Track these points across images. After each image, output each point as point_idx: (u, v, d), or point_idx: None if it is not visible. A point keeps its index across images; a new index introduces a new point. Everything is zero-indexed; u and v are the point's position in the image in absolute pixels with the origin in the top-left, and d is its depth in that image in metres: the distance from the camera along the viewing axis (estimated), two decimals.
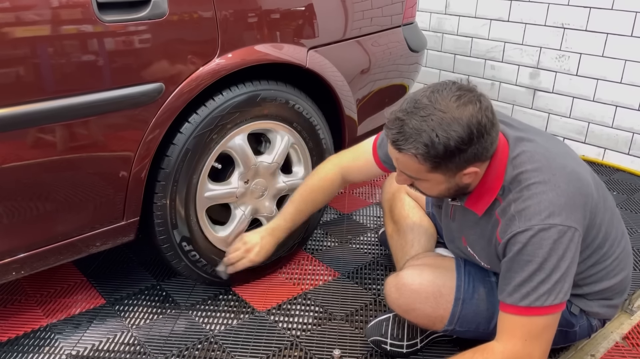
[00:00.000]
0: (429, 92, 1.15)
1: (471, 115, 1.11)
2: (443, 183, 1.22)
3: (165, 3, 1.36)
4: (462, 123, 1.10)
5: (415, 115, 1.12)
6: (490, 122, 1.13)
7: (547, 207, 1.16)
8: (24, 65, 1.20)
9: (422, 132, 1.11)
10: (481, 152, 1.15)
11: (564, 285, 1.17)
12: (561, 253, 1.16)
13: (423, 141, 1.11)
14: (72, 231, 1.43)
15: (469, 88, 1.15)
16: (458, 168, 1.17)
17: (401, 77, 2.23)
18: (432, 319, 1.40)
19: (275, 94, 1.67)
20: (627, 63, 2.70)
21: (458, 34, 3.40)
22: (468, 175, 1.19)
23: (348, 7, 1.86)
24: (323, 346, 1.59)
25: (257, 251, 1.63)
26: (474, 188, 1.27)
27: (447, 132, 1.10)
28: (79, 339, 1.60)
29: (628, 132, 2.79)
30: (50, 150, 1.29)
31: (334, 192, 1.67)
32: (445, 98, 1.12)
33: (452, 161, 1.14)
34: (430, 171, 1.17)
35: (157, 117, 1.42)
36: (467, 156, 1.14)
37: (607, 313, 1.43)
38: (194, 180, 1.58)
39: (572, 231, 1.17)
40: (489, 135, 1.14)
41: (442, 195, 1.29)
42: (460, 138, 1.11)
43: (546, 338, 1.21)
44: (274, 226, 1.66)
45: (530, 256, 1.16)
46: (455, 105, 1.11)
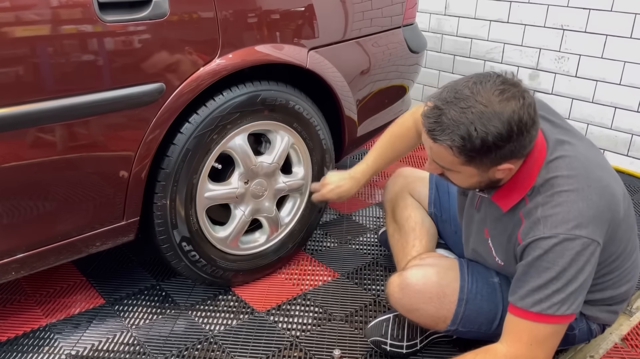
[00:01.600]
0: (472, 83, 1.10)
1: (513, 111, 1.07)
2: (475, 176, 1.19)
3: (166, 3, 1.36)
4: (503, 119, 1.06)
5: (454, 105, 1.08)
6: (531, 120, 1.09)
7: (576, 217, 1.14)
8: (25, 65, 1.20)
9: (460, 124, 1.07)
10: (518, 150, 1.12)
11: (577, 297, 1.16)
12: (581, 265, 1.14)
13: (460, 134, 1.08)
14: (72, 231, 1.43)
15: (513, 83, 1.11)
16: (492, 164, 1.14)
17: (401, 77, 2.23)
18: (435, 319, 1.40)
19: (276, 95, 1.67)
20: (626, 65, 2.71)
21: (458, 34, 3.40)
22: (502, 170, 1.16)
23: (348, 8, 1.86)
24: (323, 347, 1.59)
25: (330, 189, 1.66)
26: (506, 183, 1.24)
27: (487, 126, 1.06)
28: (78, 339, 1.60)
29: (627, 133, 2.79)
30: (51, 150, 1.29)
31: (413, 142, 1.63)
32: (487, 91, 1.08)
33: (488, 156, 1.11)
34: (464, 164, 1.14)
35: (158, 117, 1.42)
36: (504, 152, 1.11)
37: (607, 318, 1.43)
38: (194, 180, 1.58)
39: (595, 245, 1.16)
40: (529, 134, 1.10)
41: (472, 187, 1.27)
42: (499, 134, 1.07)
43: (551, 345, 1.20)
44: (357, 170, 1.67)
45: (550, 263, 1.14)
46: (498, 100, 1.07)
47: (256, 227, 1.85)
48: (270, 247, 1.86)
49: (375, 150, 1.68)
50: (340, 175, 1.68)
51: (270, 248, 1.86)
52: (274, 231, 1.85)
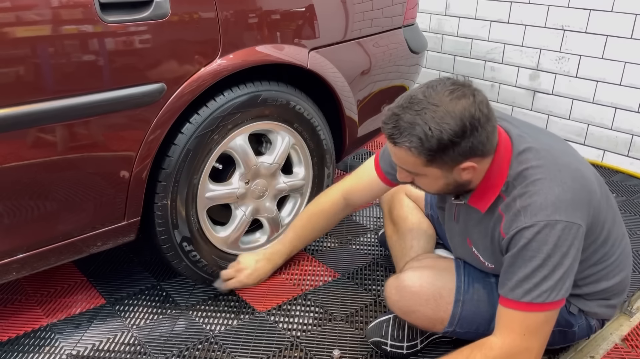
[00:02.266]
0: (424, 88, 1.16)
1: (464, 108, 1.12)
2: (441, 178, 1.22)
3: (167, 4, 1.36)
4: (455, 117, 1.11)
5: (409, 109, 1.14)
6: (484, 116, 1.14)
7: (554, 203, 1.17)
8: (27, 65, 1.20)
9: (415, 125, 1.13)
10: (476, 146, 1.16)
11: (565, 281, 1.18)
12: (565, 249, 1.17)
13: (417, 134, 1.13)
14: (73, 231, 1.43)
15: (463, 83, 1.16)
16: (454, 162, 1.17)
17: (401, 78, 2.24)
18: (432, 321, 1.40)
19: (276, 95, 1.67)
20: (626, 65, 2.71)
21: (458, 35, 3.40)
22: (466, 170, 1.20)
23: (349, 9, 1.87)
24: (323, 347, 1.59)
25: (248, 274, 1.72)
26: (477, 185, 1.27)
27: (440, 125, 1.11)
28: (79, 339, 1.60)
29: (627, 133, 2.80)
30: (52, 150, 1.29)
31: (336, 217, 1.71)
32: (439, 93, 1.14)
33: (447, 154, 1.15)
34: (427, 165, 1.18)
35: (159, 117, 1.42)
36: (462, 149, 1.15)
37: (606, 313, 1.43)
38: (195, 180, 1.58)
39: (577, 227, 1.18)
40: (484, 129, 1.15)
41: (443, 192, 1.29)
42: (453, 132, 1.12)
43: (544, 333, 1.21)
44: (272, 251, 1.73)
45: (535, 251, 1.17)
46: (449, 99, 1.12)
47: (257, 227, 1.86)
48: None
49: (293, 230, 1.73)
50: (255, 257, 1.74)
51: None
52: (274, 232, 1.85)
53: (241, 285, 1.74)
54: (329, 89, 1.84)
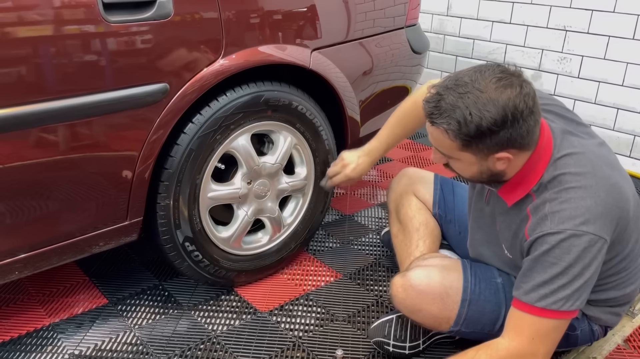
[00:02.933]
0: (472, 72, 1.14)
1: (508, 98, 1.10)
2: (475, 164, 1.20)
3: (170, 4, 1.36)
4: (498, 105, 1.09)
5: (453, 91, 1.12)
6: (528, 109, 1.11)
7: (583, 214, 1.15)
8: (30, 65, 1.20)
9: (456, 108, 1.11)
10: (515, 138, 1.14)
11: (582, 293, 1.17)
12: (587, 261, 1.15)
13: (456, 117, 1.12)
14: (76, 231, 1.43)
15: (513, 72, 1.14)
16: (489, 150, 1.16)
17: (403, 78, 2.23)
18: (438, 320, 1.40)
19: (279, 95, 1.67)
20: (628, 66, 2.71)
21: (460, 35, 3.40)
22: (501, 160, 1.18)
23: (351, 9, 1.87)
24: (325, 347, 1.59)
25: (353, 168, 1.72)
26: (510, 178, 1.25)
27: (481, 111, 1.10)
28: (81, 339, 1.60)
29: (629, 134, 2.79)
30: (55, 150, 1.29)
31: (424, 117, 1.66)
32: (486, 79, 1.12)
33: (483, 142, 1.13)
34: (462, 149, 1.17)
35: (162, 117, 1.42)
36: (499, 139, 1.13)
37: (610, 319, 1.43)
38: (197, 180, 1.58)
39: (602, 242, 1.16)
40: (525, 122, 1.12)
41: (476, 179, 1.27)
42: (493, 120, 1.10)
43: (552, 340, 1.21)
44: (370, 148, 1.73)
45: (557, 259, 1.15)
46: (494, 87, 1.10)
47: (259, 227, 1.85)
48: (273, 247, 1.86)
49: (387, 128, 1.73)
50: (356, 153, 1.74)
51: (272, 249, 1.86)
52: (276, 232, 1.85)
53: (347, 179, 1.73)
54: (331, 89, 1.84)
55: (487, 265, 1.47)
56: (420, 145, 3.19)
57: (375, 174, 2.77)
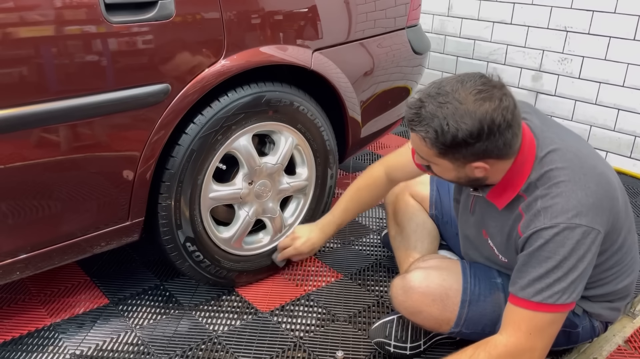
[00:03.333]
0: (455, 81, 1.16)
1: (486, 111, 1.11)
2: (452, 171, 1.23)
3: (172, 4, 1.37)
4: (474, 118, 1.10)
5: (434, 100, 1.14)
6: (506, 123, 1.12)
7: (575, 206, 1.16)
8: (32, 66, 1.20)
9: (435, 117, 1.13)
10: (491, 150, 1.15)
11: (578, 285, 1.18)
12: (582, 253, 1.16)
13: (434, 126, 1.13)
14: (77, 231, 1.43)
15: (494, 84, 1.15)
16: (466, 160, 1.17)
17: (404, 79, 2.24)
18: (438, 321, 1.40)
19: (280, 96, 1.67)
20: (629, 67, 2.71)
21: (461, 36, 3.40)
22: (478, 169, 1.19)
23: (352, 10, 1.87)
24: (326, 348, 1.59)
25: (303, 241, 1.74)
26: (498, 181, 1.26)
27: (458, 123, 1.11)
28: (82, 339, 1.60)
29: (630, 135, 2.79)
30: (57, 151, 1.29)
31: (380, 191, 1.72)
32: (466, 90, 1.13)
33: (459, 151, 1.15)
34: (438, 156, 1.19)
35: (163, 117, 1.43)
36: (475, 150, 1.14)
37: (610, 315, 1.43)
38: (199, 180, 1.58)
39: (596, 233, 1.17)
40: (502, 135, 1.13)
41: (455, 182, 1.29)
42: (469, 132, 1.11)
43: (550, 334, 1.21)
44: (324, 223, 1.76)
45: (551, 253, 1.16)
46: (474, 99, 1.11)
47: (260, 228, 1.86)
48: (274, 248, 1.86)
49: (341, 203, 1.76)
50: (309, 228, 1.77)
51: (274, 249, 1.86)
52: (277, 232, 1.85)
53: (297, 252, 1.76)
54: (333, 90, 1.84)
55: (486, 266, 1.48)
56: None
57: None
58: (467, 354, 1.24)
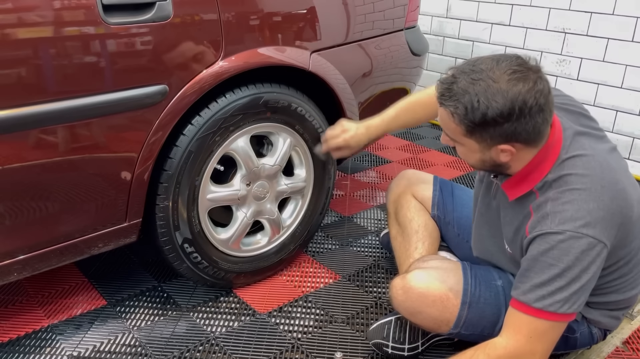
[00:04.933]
0: (490, 59, 1.14)
1: (519, 92, 1.09)
2: (477, 152, 1.20)
3: (169, 6, 1.37)
4: (506, 97, 1.09)
5: (467, 76, 1.13)
6: (537, 106, 1.11)
7: (584, 217, 1.15)
8: (30, 67, 1.20)
9: (466, 93, 1.12)
10: (519, 132, 1.13)
11: (580, 296, 1.17)
12: (586, 265, 1.15)
13: (464, 102, 1.12)
14: (75, 232, 1.43)
15: (530, 67, 1.13)
16: (493, 141, 1.16)
17: (403, 80, 2.24)
18: (438, 322, 1.40)
19: (278, 97, 1.67)
20: (627, 68, 2.71)
21: (459, 37, 3.41)
22: (504, 152, 1.18)
23: (350, 11, 1.87)
24: (324, 349, 1.59)
25: (352, 135, 1.68)
26: (516, 172, 1.25)
27: (489, 100, 1.10)
28: (80, 341, 1.60)
29: (628, 136, 2.80)
30: (54, 152, 1.29)
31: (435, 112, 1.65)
32: (501, 69, 1.11)
33: (487, 131, 1.14)
34: (465, 135, 1.17)
35: (161, 118, 1.42)
36: (503, 131, 1.13)
37: (609, 323, 1.42)
38: (197, 182, 1.58)
39: (602, 246, 1.16)
40: (532, 118, 1.11)
41: (478, 166, 1.27)
42: (499, 111, 1.10)
43: (551, 338, 1.21)
44: (371, 123, 1.69)
45: (555, 260, 1.15)
46: (507, 78, 1.10)
47: (258, 229, 1.86)
48: (272, 249, 1.86)
49: (394, 110, 1.69)
50: (356, 124, 1.70)
51: (271, 250, 1.86)
52: (275, 233, 1.85)
53: (345, 144, 1.68)
54: (331, 91, 1.84)
55: (487, 267, 1.48)
56: (420, 147, 3.19)
57: (375, 176, 2.77)
58: (466, 356, 1.24)
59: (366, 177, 2.75)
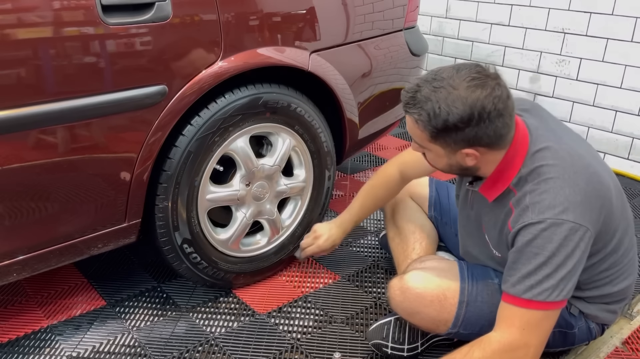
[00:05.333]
0: (451, 68, 1.19)
1: (477, 98, 1.13)
2: (444, 156, 1.25)
3: (169, 6, 1.37)
4: (465, 103, 1.13)
5: (429, 84, 1.17)
6: (496, 111, 1.15)
7: (562, 203, 1.17)
8: (29, 67, 1.20)
9: (428, 101, 1.16)
10: (481, 137, 1.17)
11: (568, 283, 1.18)
12: (570, 250, 1.17)
13: (426, 109, 1.16)
14: (74, 232, 1.43)
15: (489, 74, 1.17)
16: (456, 145, 1.20)
17: (402, 80, 2.24)
18: (436, 322, 1.40)
19: (278, 97, 1.67)
20: (627, 68, 2.71)
21: (459, 37, 3.41)
22: (469, 156, 1.22)
23: (350, 11, 1.87)
24: (323, 349, 1.59)
25: (325, 239, 1.77)
26: (489, 175, 1.29)
27: (450, 107, 1.14)
28: (79, 341, 1.60)
29: (628, 136, 2.80)
30: (54, 152, 1.29)
31: (394, 188, 1.74)
32: (461, 77, 1.16)
33: (450, 136, 1.18)
34: (430, 140, 1.22)
35: (160, 119, 1.42)
36: (465, 136, 1.17)
37: (606, 317, 1.43)
38: (196, 182, 1.58)
39: (584, 230, 1.18)
40: (492, 123, 1.15)
41: (447, 170, 1.31)
42: (459, 117, 1.14)
43: (544, 329, 1.21)
44: (342, 220, 1.79)
45: (539, 249, 1.17)
46: (466, 85, 1.14)
47: (257, 229, 1.86)
48: (272, 249, 1.86)
49: (357, 200, 1.78)
50: (328, 226, 1.80)
51: (271, 251, 1.86)
52: (275, 234, 1.85)
53: (319, 250, 1.78)
54: (330, 91, 1.84)
55: (484, 267, 1.48)
56: None
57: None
58: (462, 353, 1.24)
59: (365, 177, 2.75)
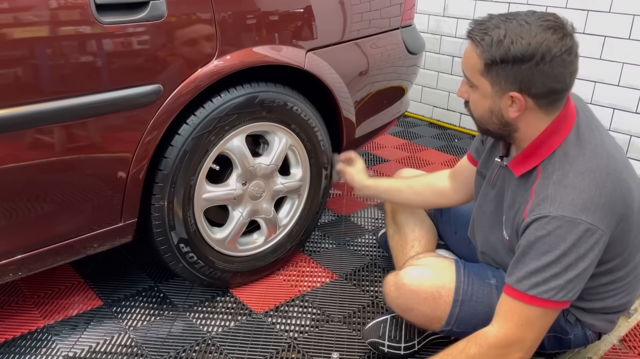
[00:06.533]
0: (532, 11, 1.18)
1: (547, 39, 1.11)
2: (489, 98, 1.19)
3: (163, 5, 1.36)
4: (532, 40, 1.11)
5: (502, 16, 1.17)
6: (559, 58, 1.11)
7: (585, 202, 1.13)
8: (22, 66, 1.20)
9: (496, 28, 1.14)
10: (535, 81, 1.13)
11: (576, 285, 1.15)
12: (582, 252, 1.13)
13: (491, 35, 1.14)
14: (70, 232, 1.43)
15: (565, 24, 1.15)
16: (507, 85, 1.15)
17: (399, 79, 2.23)
18: (429, 319, 1.40)
19: (274, 96, 1.67)
20: (624, 66, 2.71)
21: (456, 36, 3.40)
22: (514, 104, 1.16)
23: (346, 9, 1.86)
24: (321, 348, 1.59)
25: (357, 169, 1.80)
26: (524, 149, 1.23)
27: (516, 37, 1.12)
28: (76, 341, 1.59)
29: (625, 134, 2.80)
30: (48, 151, 1.29)
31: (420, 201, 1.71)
32: (537, 16, 1.14)
33: (504, 70, 1.14)
34: (482, 73, 1.17)
35: (155, 118, 1.42)
36: (520, 74, 1.13)
37: (603, 326, 1.42)
38: (192, 181, 1.58)
39: (600, 234, 1.14)
40: (552, 69, 1.11)
41: (486, 120, 1.24)
42: (523, 50, 1.11)
43: (542, 326, 1.20)
44: (365, 184, 1.77)
45: (551, 246, 1.13)
46: (539, 24, 1.12)
47: (254, 228, 1.85)
48: (269, 248, 1.86)
49: (390, 183, 1.76)
50: (363, 172, 1.79)
51: (268, 250, 1.86)
52: (272, 233, 1.85)
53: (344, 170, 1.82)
54: (327, 90, 1.84)
55: (482, 265, 1.47)
56: (417, 146, 3.19)
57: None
58: (458, 349, 1.23)
59: None
